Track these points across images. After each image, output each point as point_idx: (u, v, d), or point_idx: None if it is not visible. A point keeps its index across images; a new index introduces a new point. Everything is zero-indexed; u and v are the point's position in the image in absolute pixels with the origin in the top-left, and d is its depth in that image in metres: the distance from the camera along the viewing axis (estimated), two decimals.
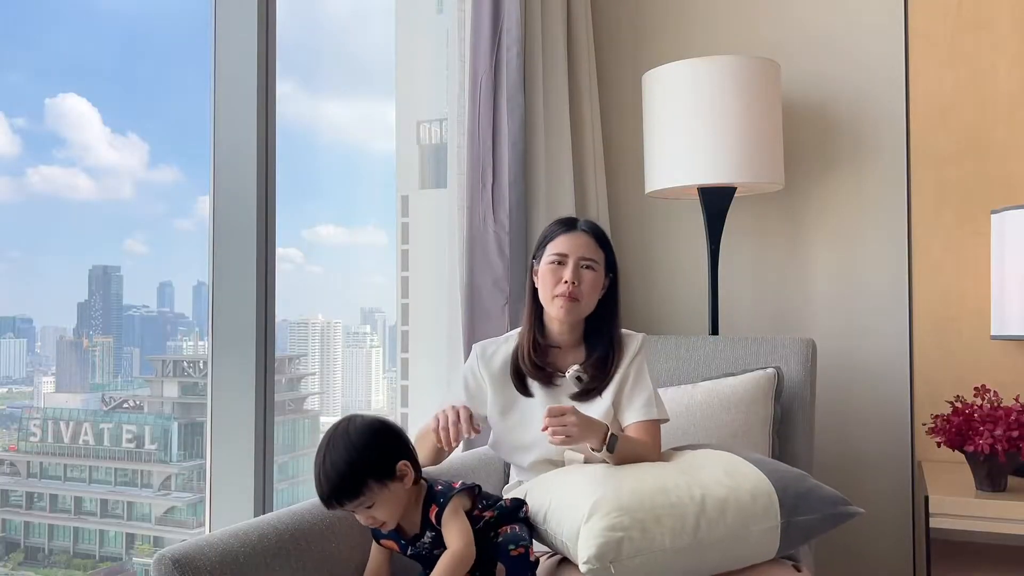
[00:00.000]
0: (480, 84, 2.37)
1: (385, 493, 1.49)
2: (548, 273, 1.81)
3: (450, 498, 1.54)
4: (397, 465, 1.50)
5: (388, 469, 1.49)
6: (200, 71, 2.04)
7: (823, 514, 1.64)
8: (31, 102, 2.80)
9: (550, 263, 1.82)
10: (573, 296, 1.78)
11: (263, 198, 1.99)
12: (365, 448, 1.48)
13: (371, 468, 1.47)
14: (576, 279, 1.79)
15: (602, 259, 1.84)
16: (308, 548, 1.54)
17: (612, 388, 1.82)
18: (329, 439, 1.51)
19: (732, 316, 2.69)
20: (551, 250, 1.83)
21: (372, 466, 1.47)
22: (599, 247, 1.84)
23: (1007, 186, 2.47)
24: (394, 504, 1.51)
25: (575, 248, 1.81)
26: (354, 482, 1.46)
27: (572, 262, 1.80)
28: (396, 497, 1.51)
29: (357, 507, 1.48)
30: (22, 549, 2.72)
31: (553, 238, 1.85)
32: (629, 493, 1.53)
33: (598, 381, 1.82)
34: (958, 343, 2.50)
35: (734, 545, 1.55)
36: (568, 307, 1.79)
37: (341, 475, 1.46)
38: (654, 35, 2.86)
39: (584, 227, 1.85)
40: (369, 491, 1.47)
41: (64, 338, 2.94)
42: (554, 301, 1.80)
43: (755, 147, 2.36)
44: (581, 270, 1.80)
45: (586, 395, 1.82)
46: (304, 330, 3.09)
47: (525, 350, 1.85)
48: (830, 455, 2.57)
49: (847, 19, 2.66)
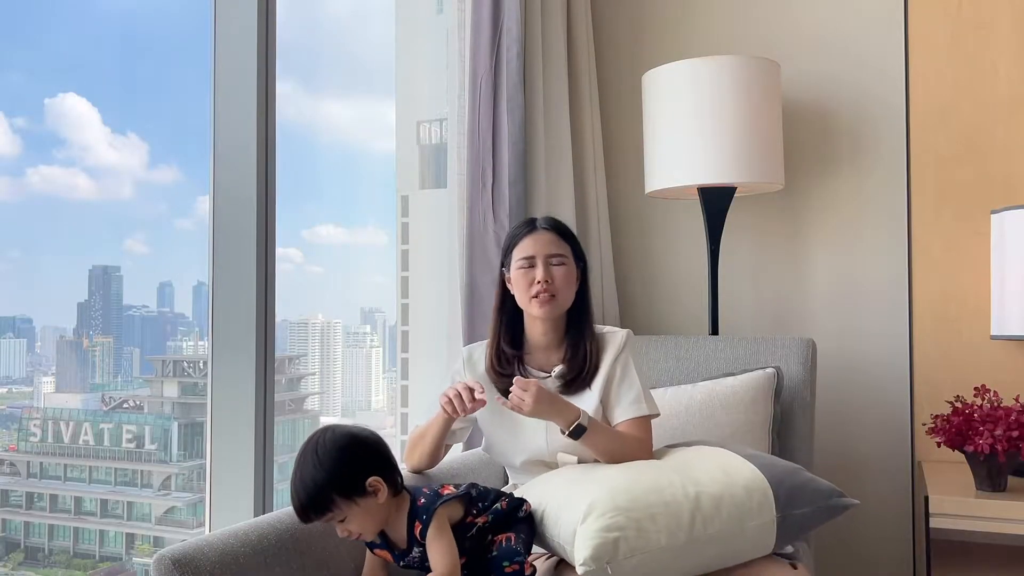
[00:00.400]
0: (480, 84, 2.37)
1: (355, 509, 1.48)
2: (520, 277, 1.83)
3: (433, 512, 1.51)
4: (368, 481, 1.48)
5: (356, 486, 1.48)
6: (200, 71, 2.04)
7: (818, 507, 1.64)
8: (31, 102, 2.80)
9: (519, 268, 1.83)
10: (549, 293, 1.80)
11: (263, 198, 1.99)
12: (333, 464, 1.47)
13: (337, 485, 1.46)
14: (548, 277, 1.80)
15: (569, 252, 1.85)
16: (308, 548, 1.55)
17: (599, 385, 1.82)
18: (301, 454, 1.51)
19: (732, 316, 2.69)
20: (517, 255, 1.84)
21: (338, 483, 1.46)
22: (563, 241, 1.85)
23: (1007, 186, 2.47)
24: (367, 518, 1.50)
25: (540, 247, 1.82)
26: (321, 499, 1.46)
27: (541, 262, 1.81)
28: (368, 512, 1.49)
29: (328, 521, 1.48)
30: (22, 549, 2.72)
31: (517, 242, 1.86)
32: (624, 493, 1.53)
33: (577, 371, 1.82)
34: (958, 343, 2.50)
35: (730, 541, 1.56)
36: (547, 304, 1.80)
37: (308, 492, 1.46)
38: (654, 35, 2.86)
39: (544, 224, 1.87)
40: (337, 508, 1.47)
41: (64, 338, 2.93)
42: (532, 303, 1.81)
43: (755, 147, 2.36)
44: (551, 267, 1.81)
45: (571, 388, 1.82)
46: (304, 330, 3.09)
47: (490, 361, 1.87)
48: (830, 455, 2.57)
49: (847, 19, 2.66)
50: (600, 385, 1.82)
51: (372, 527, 1.52)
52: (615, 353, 1.84)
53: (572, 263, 1.85)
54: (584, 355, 1.83)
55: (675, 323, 2.80)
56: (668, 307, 2.82)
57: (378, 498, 1.50)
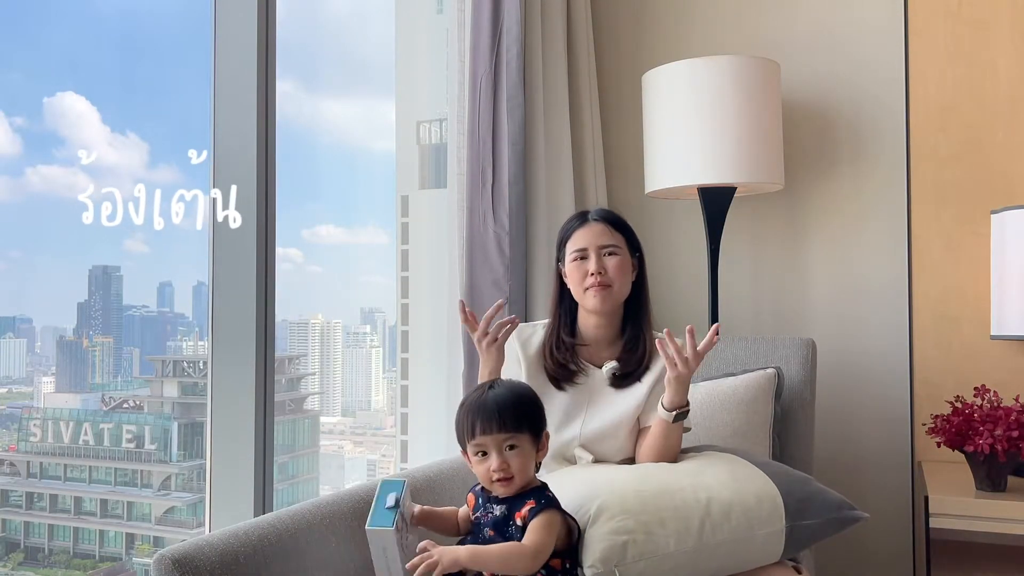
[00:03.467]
0: (480, 84, 2.37)
1: (526, 446, 1.49)
2: (574, 270, 1.83)
3: (553, 506, 1.48)
4: (544, 431, 1.53)
5: (540, 429, 1.52)
6: (200, 71, 2.04)
7: (827, 518, 1.64)
8: (29, 101, 2.79)
9: (573, 260, 1.83)
10: (603, 284, 1.79)
11: (263, 198, 1.99)
12: (531, 399, 1.53)
13: (531, 417, 1.50)
14: (601, 268, 1.80)
15: (622, 242, 1.84)
16: (308, 548, 1.54)
17: (650, 380, 1.82)
18: (487, 385, 1.54)
19: (732, 316, 2.69)
20: (571, 248, 1.85)
21: (532, 416, 1.51)
22: (615, 231, 1.85)
23: (1007, 186, 2.47)
24: (527, 462, 1.50)
25: (592, 239, 1.83)
26: (515, 417, 1.48)
27: (593, 253, 1.81)
28: (528, 458, 1.50)
29: (505, 440, 1.47)
30: (22, 549, 2.72)
31: (570, 235, 1.86)
32: (634, 496, 1.53)
33: (635, 366, 1.83)
34: (958, 343, 2.50)
35: (738, 549, 1.56)
36: (602, 294, 1.80)
37: (505, 405, 1.48)
38: (654, 35, 2.86)
39: (596, 216, 1.87)
40: (521, 433, 1.48)
41: (64, 338, 2.93)
42: (587, 293, 1.81)
43: (755, 147, 2.36)
44: (604, 258, 1.81)
45: (623, 382, 1.83)
46: (304, 330, 3.09)
47: (549, 347, 1.87)
48: (830, 455, 2.57)
49: (847, 19, 2.66)
50: (651, 380, 1.81)
51: (524, 473, 1.50)
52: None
53: (626, 253, 1.84)
54: (643, 352, 1.83)
55: (675, 323, 2.79)
56: (668, 307, 2.81)
57: (539, 454, 1.53)
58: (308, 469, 2.85)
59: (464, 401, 1.54)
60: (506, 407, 1.48)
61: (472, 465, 1.54)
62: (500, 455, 1.47)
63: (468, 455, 1.54)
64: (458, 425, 1.54)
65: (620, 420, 1.80)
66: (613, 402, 1.82)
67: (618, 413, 1.81)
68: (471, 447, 1.51)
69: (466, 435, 1.51)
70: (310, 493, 2.83)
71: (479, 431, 1.48)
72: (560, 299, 1.89)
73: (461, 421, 1.53)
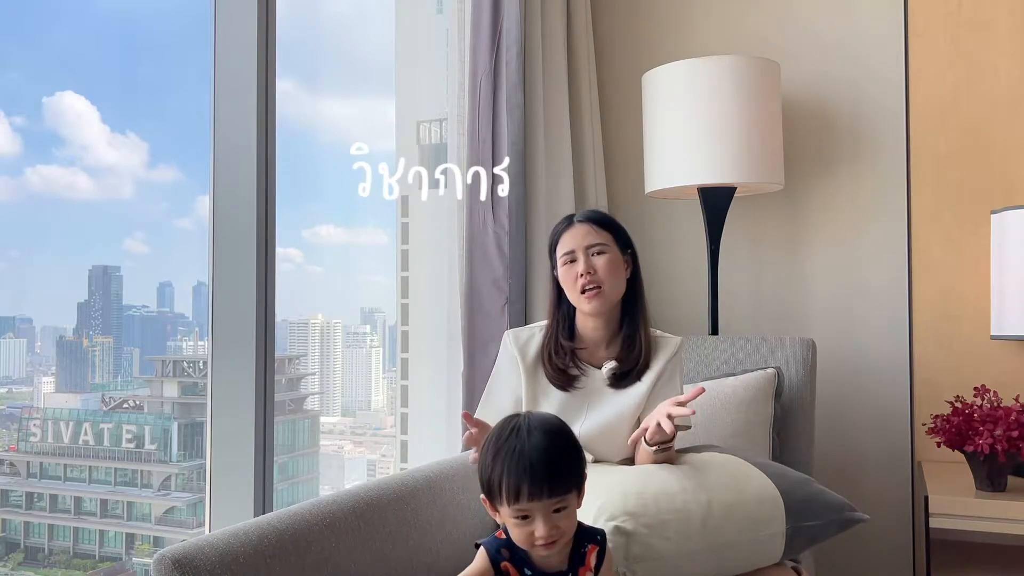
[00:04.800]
0: (480, 84, 2.37)
1: (575, 503, 1.27)
2: (565, 274, 1.82)
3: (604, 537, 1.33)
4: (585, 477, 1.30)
5: (584, 478, 1.29)
6: (200, 71, 2.04)
7: (828, 520, 1.64)
8: (29, 101, 2.79)
9: (563, 264, 1.83)
10: (594, 284, 1.78)
11: (263, 198, 1.99)
12: (575, 446, 1.28)
13: (578, 470, 1.27)
14: (590, 268, 1.78)
15: (609, 239, 1.83)
16: (308, 548, 1.54)
17: (649, 379, 1.81)
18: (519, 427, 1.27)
19: (732, 316, 2.69)
20: (560, 252, 1.84)
21: (579, 468, 1.27)
22: (601, 229, 1.83)
23: (1007, 186, 2.47)
24: (575, 517, 1.29)
25: (579, 240, 1.82)
26: (565, 476, 1.24)
27: (581, 254, 1.80)
28: (576, 513, 1.29)
29: (554, 505, 1.24)
30: (22, 549, 2.72)
31: (558, 240, 1.86)
32: (635, 497, 1.53)
33: (632, 365, 1.81)
34: (958, 343, 2.50)
35: (739, 550, 1.56)
36: (596, 299, 1.78)
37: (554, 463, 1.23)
38: (654, 35, 2.86)
39: (580, 217, 1.86)
40: (570, 493, 1.25)
41: (64, 338, 2.93)
42: (581, 298, 1.80)
43: (755, 147, 2.36)
44: (592, 258, 1.80)
45: (622, 381, 1.82)
46: (304, 330, 3.09)
47: (548, 352, 1.85)
48: (830, 455, 2.57)
49: (847, 19, 2.66)
50: (651, 380, 1.81)
51: (572, 529, 1.29)
52: (668, 356, 1.83)
53: (616, 251, 1.82)
54: (640, 350, 1.82)
55: (675, 323, 2.80)
56: (668, 307, 2.81)
57: (579, 503, 1.29)
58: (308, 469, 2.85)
59: (496, 448, 1.27)
60: (556, 465, 1.24)
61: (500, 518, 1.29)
62: (548, 521, 1.24)
63: (496, 509, 1.29)
64: (492, 481, 1.26)
65: (620, 420, 1.80)
66: (613, 402, 1.82)
67: (618, 413, 1.81)
68: (511, 510, 1.25)
69: (507, 497, 1.24)
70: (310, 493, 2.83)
71: (526, 497, 1.23)
72: (558, 304, 1.88)
73: (499, 480, 1.25)
